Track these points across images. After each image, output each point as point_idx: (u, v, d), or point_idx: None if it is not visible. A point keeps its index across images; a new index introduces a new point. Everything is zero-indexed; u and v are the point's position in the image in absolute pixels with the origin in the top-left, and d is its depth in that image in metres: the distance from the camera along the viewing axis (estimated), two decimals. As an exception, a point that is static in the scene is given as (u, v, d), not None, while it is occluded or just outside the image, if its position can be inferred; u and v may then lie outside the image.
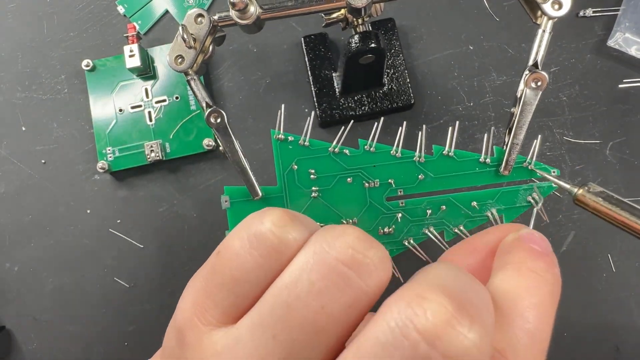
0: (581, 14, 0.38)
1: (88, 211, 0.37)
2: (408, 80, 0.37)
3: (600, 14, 0.38)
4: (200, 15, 0.25)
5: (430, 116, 0.37)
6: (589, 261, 0.35)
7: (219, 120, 0.25)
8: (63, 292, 0.36)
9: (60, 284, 0.36)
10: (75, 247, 0.36)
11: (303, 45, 0.38)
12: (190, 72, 0.25)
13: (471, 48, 0.38)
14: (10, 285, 0.36)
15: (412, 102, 0.37)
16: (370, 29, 0.31)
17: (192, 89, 0.25)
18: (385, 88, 0.37)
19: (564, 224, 0.36)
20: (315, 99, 0.37)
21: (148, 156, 0.35)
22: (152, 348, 0.35)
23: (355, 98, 0.37)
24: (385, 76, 0.37)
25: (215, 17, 0.25)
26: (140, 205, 0.37)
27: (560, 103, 0.37)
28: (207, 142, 0.36)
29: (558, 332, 0.34)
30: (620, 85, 0.37)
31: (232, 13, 0.25)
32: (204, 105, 0.25)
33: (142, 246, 0.36)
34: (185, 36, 0.24)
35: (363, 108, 0.36)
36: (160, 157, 0.35)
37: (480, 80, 0.38)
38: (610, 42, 0.37)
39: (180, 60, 0.25)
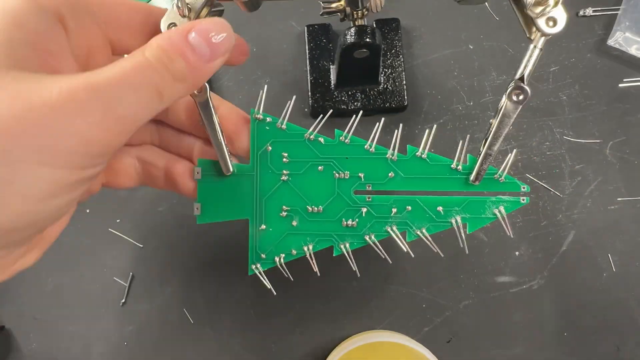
0: (581, 13, 0.38)
1: (87, 211, 0.37)
2: (404, 82, 0.37)
3: (600, 13, 0.38)
4: None
5: (430, 115, 0.37)
6: (589, 261, 0.35)
7: (202, 93, 0.25)
8: (63, 292, 0.36)
9: (60, 283, 0.36)
10: (75, 247, 0.36)
11: (305, 34, 0.38)
12: None
13: (471, 47, 0.38)
14: (10, 285, 0.36)
15: (406, 104, 0.36)
16: (375, 25, 0.31)
17: None
18: (380, 87, 0.37)
19: (564, 223, 0.35)
20: (309, 88, 0.37)
21: (147, 156, 0.35)
22: (152, 348, 0.35)
23: (349, 92, 0.37)
24: (382, 75, 0.37)
25: None
26: (140, 204, 0.37)
27: (560, 102, 0.37)
28: (207, 142, 0.36)
29: (558, 332, 0.34)
30: (620, 85, 0.37)
31: None
32: None
33: (141, 246, 0.36)
34: (179, 4, 0.23)
35: (356, 103, 0.36)
36: (160, 157, 0.35)
37: (480, 80, 0.38)
38: (611, 42, 0.37)
39: (172, 28, 0.24)
